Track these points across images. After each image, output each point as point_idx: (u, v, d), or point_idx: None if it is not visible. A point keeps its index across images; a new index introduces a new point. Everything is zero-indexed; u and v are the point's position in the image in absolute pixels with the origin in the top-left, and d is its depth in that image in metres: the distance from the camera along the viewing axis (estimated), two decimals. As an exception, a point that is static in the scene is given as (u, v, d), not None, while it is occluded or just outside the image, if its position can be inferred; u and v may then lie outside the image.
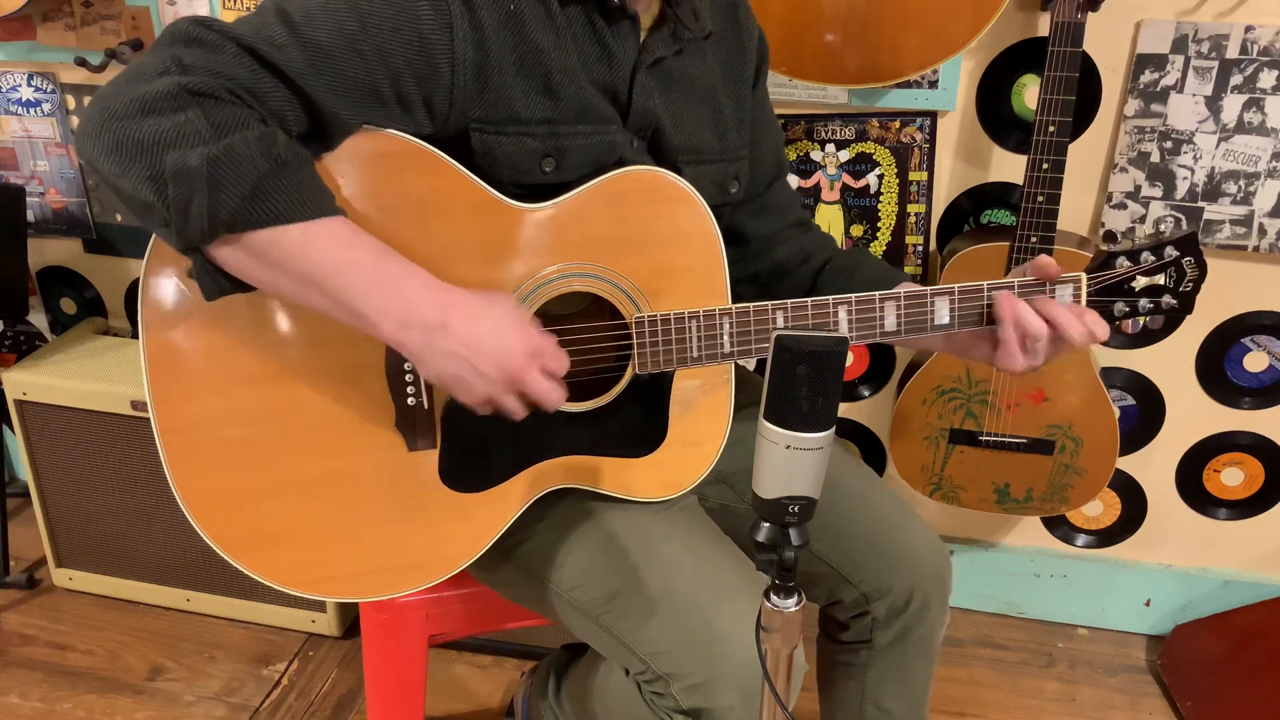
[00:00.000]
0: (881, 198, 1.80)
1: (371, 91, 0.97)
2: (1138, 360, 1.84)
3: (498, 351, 0.96)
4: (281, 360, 1.05)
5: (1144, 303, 1.12)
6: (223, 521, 1.07)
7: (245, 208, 0.88)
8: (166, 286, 1.03)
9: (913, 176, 1.77)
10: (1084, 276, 1.11)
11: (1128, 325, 1.80)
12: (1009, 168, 1.74)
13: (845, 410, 2.01)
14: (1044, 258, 1.11)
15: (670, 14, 1.13)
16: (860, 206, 1.81)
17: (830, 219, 1.83)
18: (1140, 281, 1.12)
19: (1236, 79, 1.58)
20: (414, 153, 1.03)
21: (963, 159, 1.76)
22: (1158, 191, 1.67)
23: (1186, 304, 1.13)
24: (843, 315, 1.11)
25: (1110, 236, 1.72)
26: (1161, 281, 1.12)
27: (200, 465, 1.05)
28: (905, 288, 1.18)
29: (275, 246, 0.91)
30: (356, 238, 0.95)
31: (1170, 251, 1.10)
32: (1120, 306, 1.13)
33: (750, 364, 1.75)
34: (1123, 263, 1.11)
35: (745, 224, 1.31)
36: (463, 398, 1.00)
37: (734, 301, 1.13)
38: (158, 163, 0.87)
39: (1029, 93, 1.68)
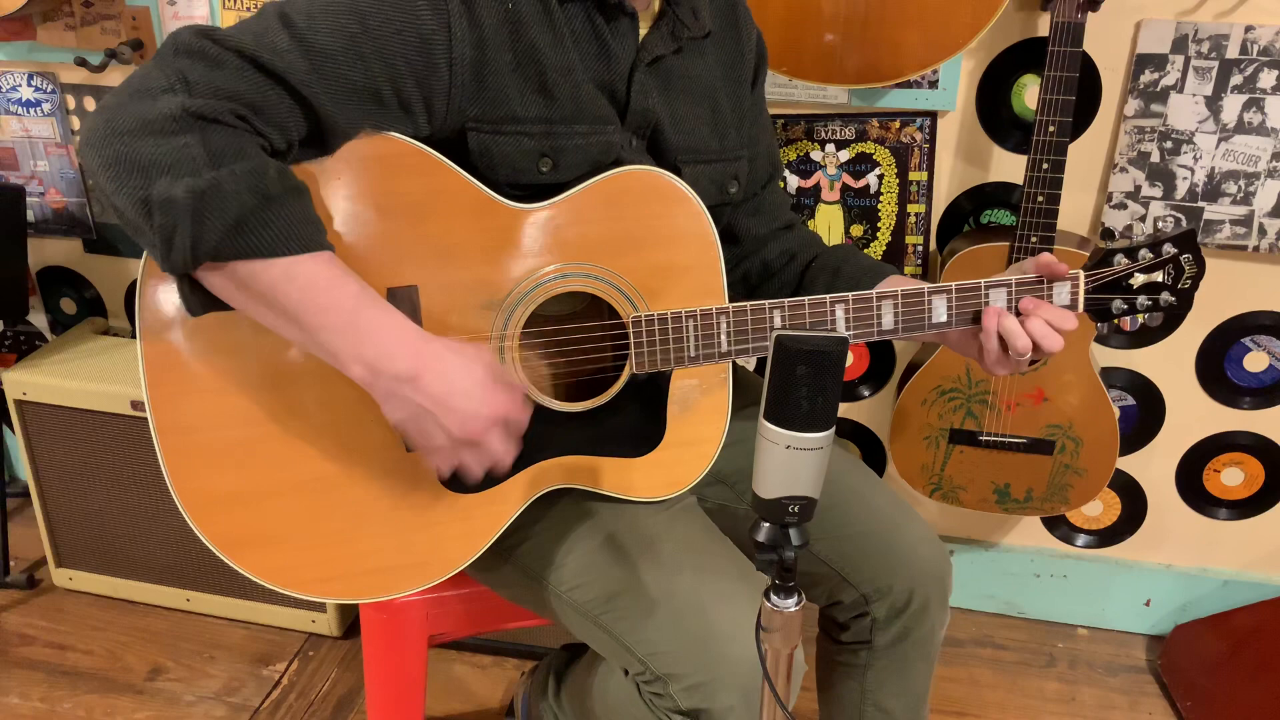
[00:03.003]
0: (881, 198, 1.79)
1: (372, 94, 0.98)
2: (1138, 360, 1.84)
3: (463, 412, 0.96)
4: (279, 361, 1.05)
5: (1142, 300, 1.12)
6: (221, 522, 1.07)
7: (228, 241, 0.89)
8: (165, 288, 1.02)
9: (913, 176, 1.77)
10: (1082, 274, 1.11)
11: (1126, 322, 1.80)
12: (1009, 168, 1.74)
13: (845, 410, 2.01)
14: (1046, 255, 1.11)
15: (669, 12, 1.13)
16: (860, 206, 1.81)
17: (830, 219, 1.83)
18: (1138, 279, 1.12)
19: (1236, 79, 1.58)
20: (411, 154, 1.03)
21: (963, 159, 1.76)
22: (1158, 191, 1.67)
23: (1185, 301, 1.13)
24: (840, 314, 1.11)
25: (1108, 234, 1.72)
26: (1160, 279, 1.12)
27: (198, 466, 1.05)
28: (896, 282, 1.18)
29: (256, 280, 0.92)
30: (338, 279, 0.95)
31: (1168, 249, 1.10)
32: (1118, 304, 1.13)
33: (749, 363, 1.75)
34: (1121, 260, 1.11)
35: (742, 224, 1.31)
36: (417, 446, 1.00)
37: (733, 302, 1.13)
38: (148, 187, 0.87)
39: (1029, 93, 1.68)
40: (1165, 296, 1.12)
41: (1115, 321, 1.14)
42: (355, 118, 0.98)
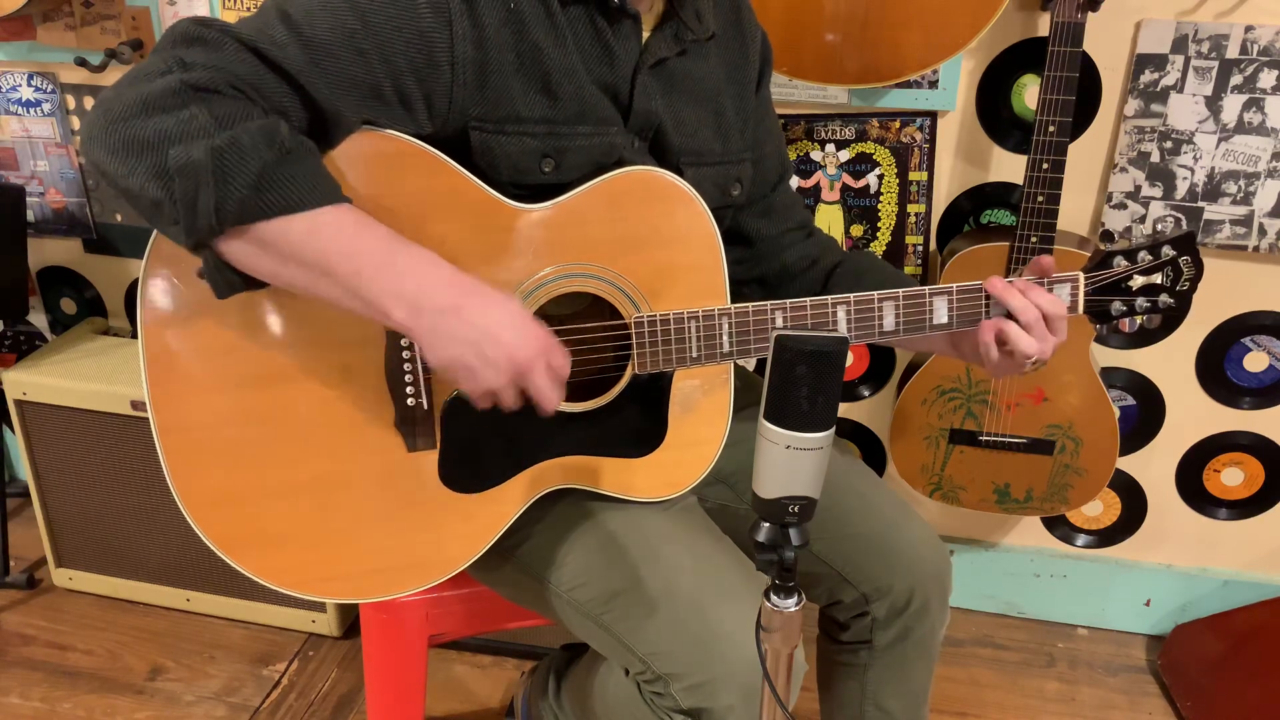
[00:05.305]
0: (881, 198, 1.79)
1: (372, 90, 0.97)
2: (1138, 360, 1.84)
3: (510, 341, 0.95)
4: (281, 361, 1.05)
5: (1141, 302, 1.13)
6: (222, 522, 1.07)
7: (252, 198, 0.88)
8: (166, 286, 1.02)
9: (913, 176, 1.77)
10: (1081, 276, 1.11)
11: (1125, 324, 1.80)
12: (1009, 168, 1.74)
13: (845, 410, 2.01)
14: (1041, 258, 1.12)
15: (673, 15, 1.13)
16: (860, 206, 1.81)
17: (830, 219, 1.83)
18: (1137, 281, 1.12)
19: (1236, 79, 1.58)
20: (414, 153, 1.03)
21: (963, 159, 1.76)
22: (1158, 191, 1.67)
23: (1183, 303, 1.13)
24: (841, 315, 1.11)
25: (1107, 236, 1.72)
26: (1159, 281, 1.12)
27: (199, 465, 1.05)
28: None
29: (284, 237, 0.91)
30: (365, 224, 0.94)
31: (1167, 251, 1.11)
32: (1117, 306, 1.13)
33: (750, 364, 1.75)
34: (1120, 262, 1.11)
35: (752, 225, 1.31)
36: (466, 385, 0.98)
37: (739, 303, 1.13)
38: (162, 159, 0.87)
39: (1029, 93, 1.68)
40: (1164, 299, 1.12)
41: (1115, 322, 1.14)
42: (355, 110, 0.98)
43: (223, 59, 0.91)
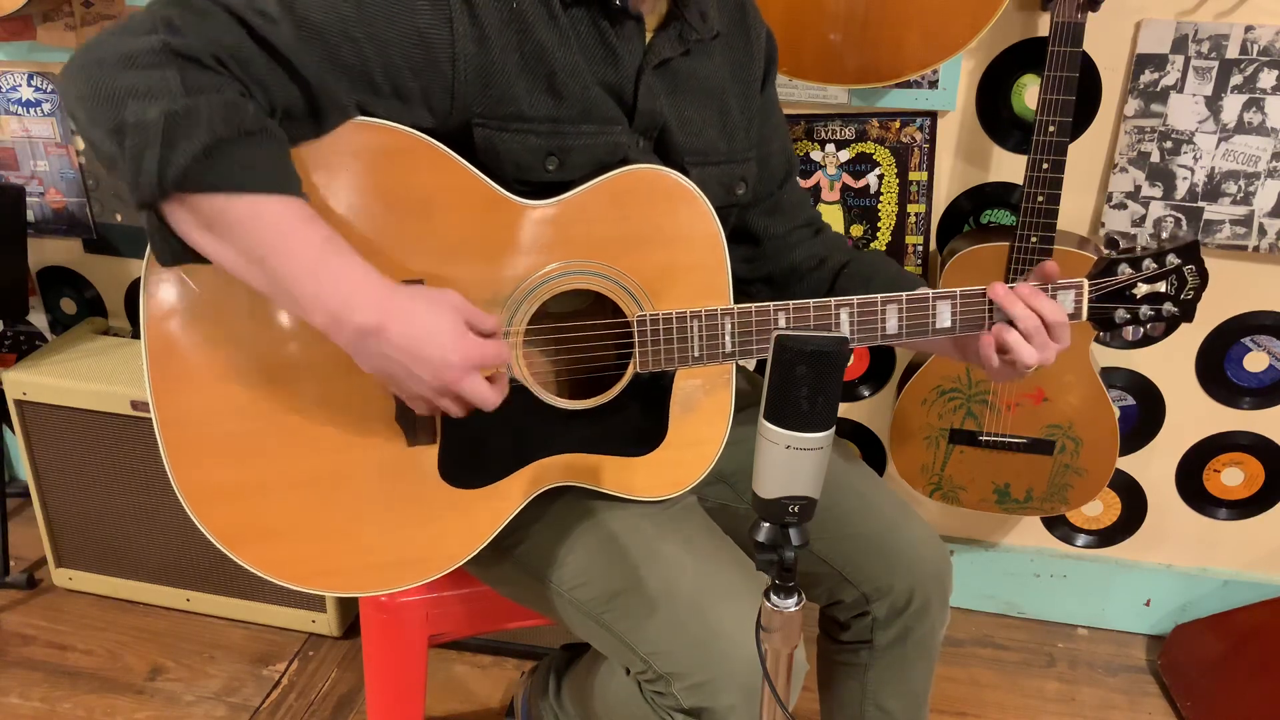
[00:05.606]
0: (881, 198, 1.80)
1: (363, 76, 0.97)
2: (1138, 360, 1.84)
3: (435, 362, 0.95)
4: (282, 354, 1.05)
5: (1145, 310, 1.13)
6: (222, 515, 1.07)
7: (196, 168, 0.87)
8: (169, 279, 1.02)
9: (913, 176, 1.77)
10: (1086, 283, 1.12)
11: (1129, 332, 1.80)
12: (1009, 168, 1.74)
13: (845, 410, 2.01)
14: (1045, 264, 1.12)
15: (677, 15, 1.13)
16: (860, 206, 1.81)
17: (830, 219, 1.83)
18: (1141, 289, 1.12)
19: (1236, 79, 1.58)
20: (421, 148, 1.03)
21: (963, 159, 1.76)
22: (1158, 191, 1.67)
23: (1187, 312, 1.13)
24: (844, 318, 1.11)
25: (1112, 242, 1.72)
26: (1163, 289, 1.12)
27: (200, 459, 1.05)
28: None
29: (222, 216, 0.89)
30: (306, 222, 0.92)
31: (1172, 259, 1.11)
32: (1121, 313, 1.13)
33: (751, 364, 1.75)
34: (1125, 269, 1.12)
35: (759, 224, 1.31)
36: (397, 394, 1.00)
37: (746, 302, 1.13)
38: (121, 113, 0.86)
39: (1029, 93, 1.68)
40: (1168, 307, 1.13)
41: (1119, 330, 1.15)
42: (346, 92, 0.97)
43: (210, 28, 0.90)
